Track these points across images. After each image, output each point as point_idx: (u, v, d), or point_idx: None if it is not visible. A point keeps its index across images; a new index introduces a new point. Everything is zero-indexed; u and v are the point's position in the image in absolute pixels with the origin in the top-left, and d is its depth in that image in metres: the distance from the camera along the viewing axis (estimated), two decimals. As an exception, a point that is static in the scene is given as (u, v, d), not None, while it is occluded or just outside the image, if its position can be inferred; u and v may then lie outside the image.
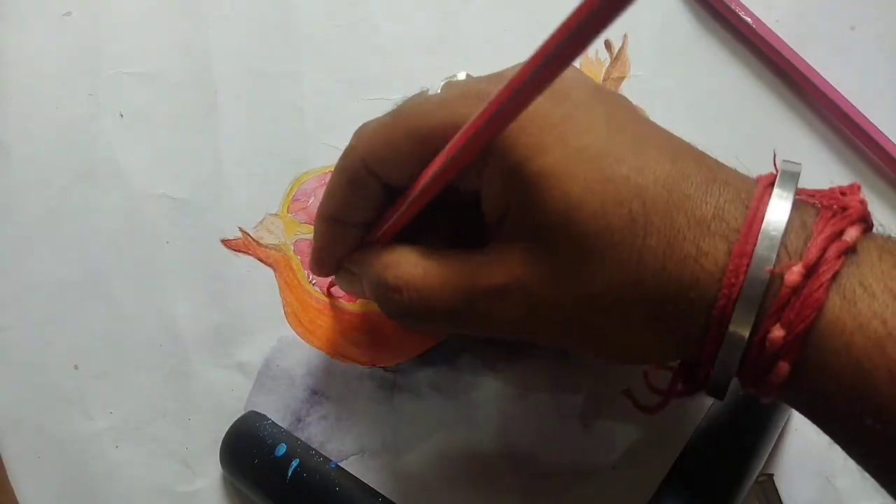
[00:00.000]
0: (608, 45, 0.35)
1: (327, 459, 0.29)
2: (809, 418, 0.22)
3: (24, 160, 0.32)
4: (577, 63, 0.34)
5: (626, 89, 0.34)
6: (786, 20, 0.36)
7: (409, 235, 0.25)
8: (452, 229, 0.26)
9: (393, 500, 0.28)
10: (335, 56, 0.34)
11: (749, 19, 0.34)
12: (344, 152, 0.25)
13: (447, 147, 0.22)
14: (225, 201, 0.32)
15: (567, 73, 0.19)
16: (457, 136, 0.21)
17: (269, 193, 0.32)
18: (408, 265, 0.24)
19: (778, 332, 0.19)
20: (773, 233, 0.20)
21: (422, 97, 0.27)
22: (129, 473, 0.30)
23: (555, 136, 0.22)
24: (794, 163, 0.22)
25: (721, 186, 0.21)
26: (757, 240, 0.20)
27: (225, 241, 0.32)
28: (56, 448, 0.30)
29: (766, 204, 0.20)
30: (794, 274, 0.19)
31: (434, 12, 0.35)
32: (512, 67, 0.24)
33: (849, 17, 0.35)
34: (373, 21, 0.35)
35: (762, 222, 0.20)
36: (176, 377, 0.31)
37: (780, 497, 0.29)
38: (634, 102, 0.34)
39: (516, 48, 0.35)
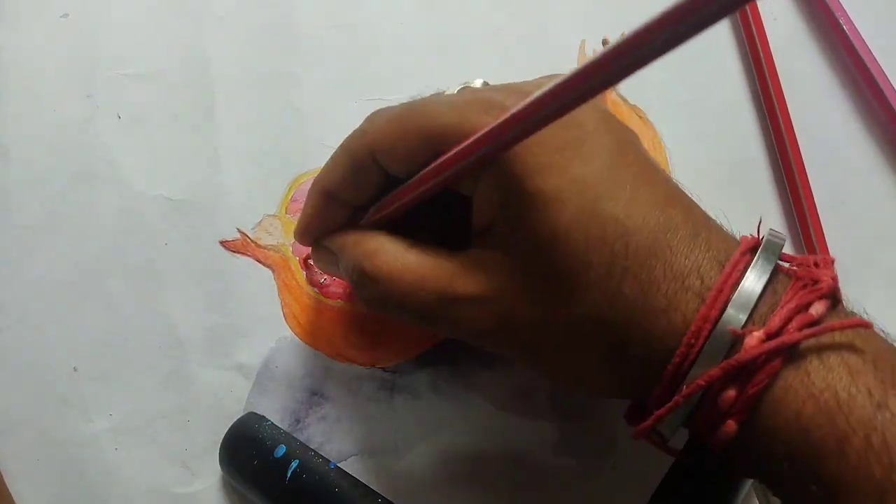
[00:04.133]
0: (606, 43, 0.35)
1: (327, 460, 0.29)
2: (754, 477, 0.22)
3: (22, 161, 0.32)
4: (574, 61, 0.35)
5: (623, 88, 0.34)
6: (781, 17, 0.36)
7: (393, 224, 0.25)
8: (436, 225, 0.26)
9: (392, 500, 0.28)
10: (333, 57, 0.34)
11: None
12: (352, 133, 0.25)
13: (454, 150, 0.22)
14: (223, 202, 0.32)
15: None
16: (467, 143, 0.21)
17: (268, 194, 0.32)
18: (387, 256, 0.24)
19: (730, 393, 0.20)
20: (742, 301, 0.20)
21: (437, 97, 0.27)
22: (129, 475, 0.30)
23: (557, 159, 0.22)
24: (780, 234, 0.22)
25: (704, 243, 0.22)
26: (724, 305, 0.20)
27: (223, 243, 0.32)
28: (55, 450, 0.30)
29: (740, 271, 0.21)
30: (753, 339, 0.20)
31: (432, 13, 0.35)
32: (530, 83, 0.24)
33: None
34: (371, 22, 0.35)
35: (732, 288, 0.21)
36: (175, 379, 0.31)
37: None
38: (632, 102, 0.34)
39: (515, 48, 0.35)
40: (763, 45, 0.34)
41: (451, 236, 0.24)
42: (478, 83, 0.32)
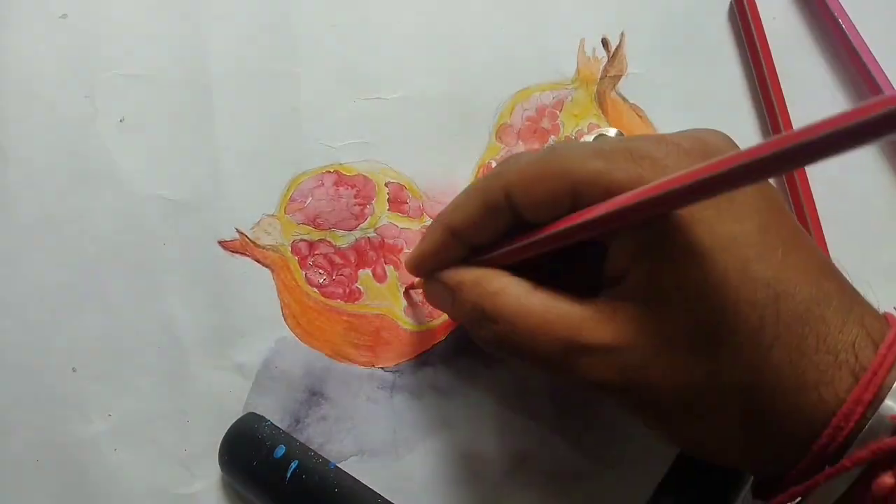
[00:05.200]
0: (605, 43, 0.35)
1: (326, 460, 0.29)
2: None
3: (20, 162, 0.32)
4: (573, 60, 0.35)
5: (622, 87, 0.34)
6: (781, 16, 0.36)
7: (512, 264, 0.25)
8: (557, 268, 0.25)
9: (392, 500, 0.28)
10: (332, 56, 0.34)
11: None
12: (488, 175, 0.25)
13: (611, 202, 0.21)
14: (222, 202, 0.32)
15: None
16: (627, 196, 0.20)
17: (266, 194, 0.32)
18: (509, 298, 0.23)
19: (888, 480, 0.19)
20: None
21: (577, 143, 0.26)
22: (128, 476, 0.30)
23: (708, 215, 0.21)
24: None
25: (857, 318, 0.21)
26: (878, 388, 0.19)
27: (222, 243, 0.32)
28: (54, 451, 0.30)
29: (895, 354, 0.20)
30: None
31: (432, 13, 0.35)
32: (673, 136, 0.23)
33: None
34: (369, 21, 0.35)
35: (888, 371, 0.20)
36: (174, 379, 0.31)
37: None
38: (631, 101, 0.34)
39: (514, 48, 0.35)
40: (762, 45, 0.34)
41: (568, 281, 0.24)
42: (611, 133, 0.32)
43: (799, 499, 0.21)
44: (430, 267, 0.26)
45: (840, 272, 0.22)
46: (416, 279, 0.31)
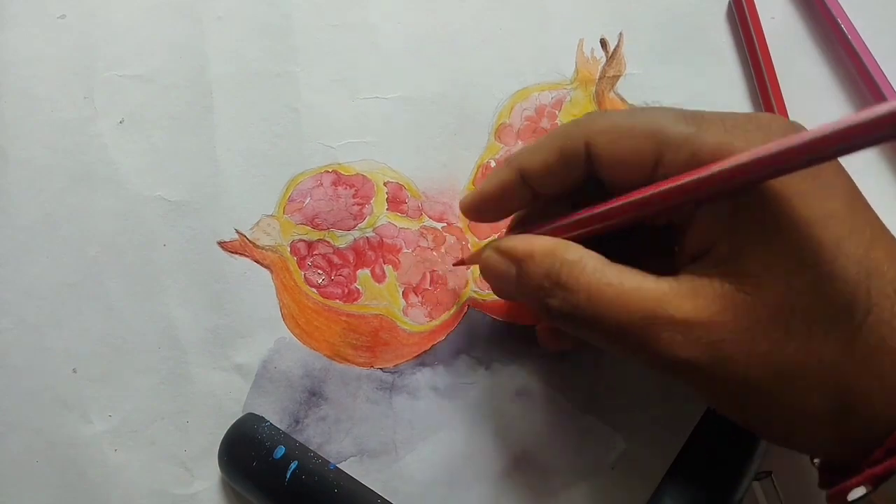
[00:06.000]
0: (604, 43, 0.35)
1: (326, 461, 0.29)
2: None
3: (20, 163, 0.32)
4: (572, 60, 0.35)
5: (621, 87, 0.34)
6: (780, 16, 0.36)
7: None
8: (624, 247, 0.25)
9: (392, 501, 0.28)
10: (330, 56, 0.34)
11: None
12: (569, 122, 0.24)
13: (702, 170, 0.20)
14: (221, 203, 0.32)
15: None
16: (723, 163, 0.20)
17: (265, 195, 0.32)
18: (587, 268, 0.22)
19: None
20: None
21: (665, 107, 0.25)
22: (128, 477, 0.30)
23: (797, 190, 0.20)
24: None
25: None
26: None
27: (221, 243, 0.32)
28: (54, 451, 0.30)
29: None
30: None
31: (431, 12, 0.35)
32: (767, 115, 0.22)
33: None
34: (368, 21, 0.35)
35: None
36: (174, 380, 0.31)
37: (779, 495, 0.29)
38: (630, 101, 0.34)
39: (513, 48, 0.35)
40: (761, 45, 0.34)
41: (631, 261, 0.23)
42: None
43: (868, 488, 0.20)
44: (491, 210, 0.26)
45: None
46: (468, 256, 0.29)
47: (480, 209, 0.26)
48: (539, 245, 0.24)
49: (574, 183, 0.24)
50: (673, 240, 0.24)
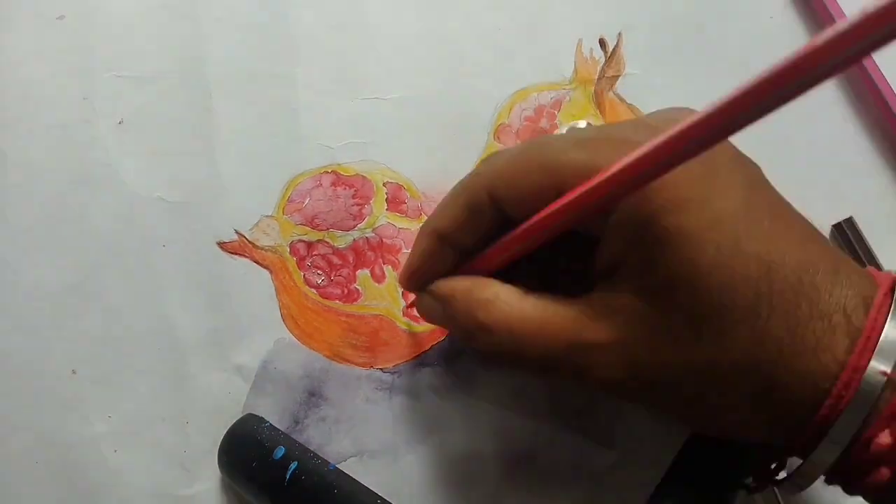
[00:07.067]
0: (603, 43, 0.35)
1: (326, 461, 0.29)
2: None
3: (19, 164, 0.32)
4: (571, 61, 0.35)
5: (620, 87, 0.34)
6: (779, 16, 0.36)
7: (500, 271, 0.24)
8: (547, 269, 0.25)
9: (392, 501, 0.28)
10: (329, 56, 0.34)
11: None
12: (469, 175, 0.25)
13: (583, 187, 0.21)
14: (220, 204, 0.32)
15: None
16: (597, 179, 0.20)
17: (265, 195, 0.32)
18: (503, 306, 0.23)
19: (885, 439, 0.19)
20: (890, 346, 0.20)
21: (557, 136, 0.26)
22: (128, 478, 0.30)
23: (692, 195, 0.21)
24: None
25: (845, 280, 0.21)
26: (873, 353, 0.20)
27: (221, 244, 0.32)
28: (54, 453, 0.30)
29: (885, 314, 0.20)
30: None
31: (430, 13, 0.35)
32: (652, 116, 0.23)
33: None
34: (367, 21, 0.35)
35: (881, 333, 0.20)
36: (173, 381, 0.31)
37: (778, 495, 0.29)
38: (629, 101, 0.34)
39: (512, 48, 0.35)
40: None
41: (557, 282, 0.23)
42: (581, 124, 0.32)
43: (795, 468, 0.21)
44: (423, 278, 0.26)
45: (823, 235, 0.23)
46: (412, 296, 0.30)
47: (417, 280, 0.27)
48: (458, 286, 0.25)
49: (492, 229, 0.24)
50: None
